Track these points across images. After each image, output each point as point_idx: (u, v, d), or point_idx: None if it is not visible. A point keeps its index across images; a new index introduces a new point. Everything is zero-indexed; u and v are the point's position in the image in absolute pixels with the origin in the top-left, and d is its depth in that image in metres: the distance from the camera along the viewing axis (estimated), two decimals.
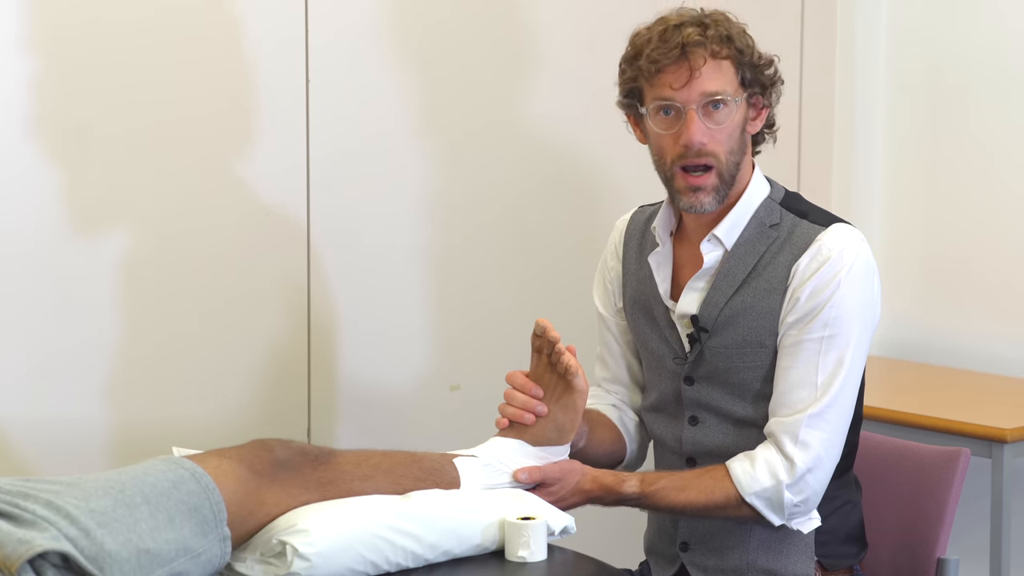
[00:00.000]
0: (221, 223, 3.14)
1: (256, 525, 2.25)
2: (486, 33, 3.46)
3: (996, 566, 3.38)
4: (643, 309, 2.63)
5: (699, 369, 2.55)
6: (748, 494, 2.45)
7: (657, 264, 2.59)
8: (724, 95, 2.46)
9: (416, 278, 3.42)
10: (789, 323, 2.47)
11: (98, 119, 2.98)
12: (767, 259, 2.51)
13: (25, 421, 2.94)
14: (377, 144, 3.33)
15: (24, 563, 1.97)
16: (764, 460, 2.45)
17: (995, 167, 3.87)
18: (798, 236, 2.50)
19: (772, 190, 2.57)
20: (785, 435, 2.45)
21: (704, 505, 2.47)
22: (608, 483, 2.50)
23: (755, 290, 2.50)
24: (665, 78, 2.47)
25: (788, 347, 2.47)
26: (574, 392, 2.49)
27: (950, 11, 3.92)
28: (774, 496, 2.45)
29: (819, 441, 2.44)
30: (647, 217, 2.68)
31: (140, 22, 3.01)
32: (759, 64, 2.51)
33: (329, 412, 3.31)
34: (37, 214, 2.93)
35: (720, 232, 2.52)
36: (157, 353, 3.08)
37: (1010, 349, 3.83)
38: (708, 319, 2.52)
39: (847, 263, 2.46)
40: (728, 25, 2.49)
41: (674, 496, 2.48)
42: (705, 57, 2.45)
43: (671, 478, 2.51)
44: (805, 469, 2.44)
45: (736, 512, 2.48)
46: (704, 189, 2.48)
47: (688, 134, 2.45)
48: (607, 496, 2.51)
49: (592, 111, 3.61)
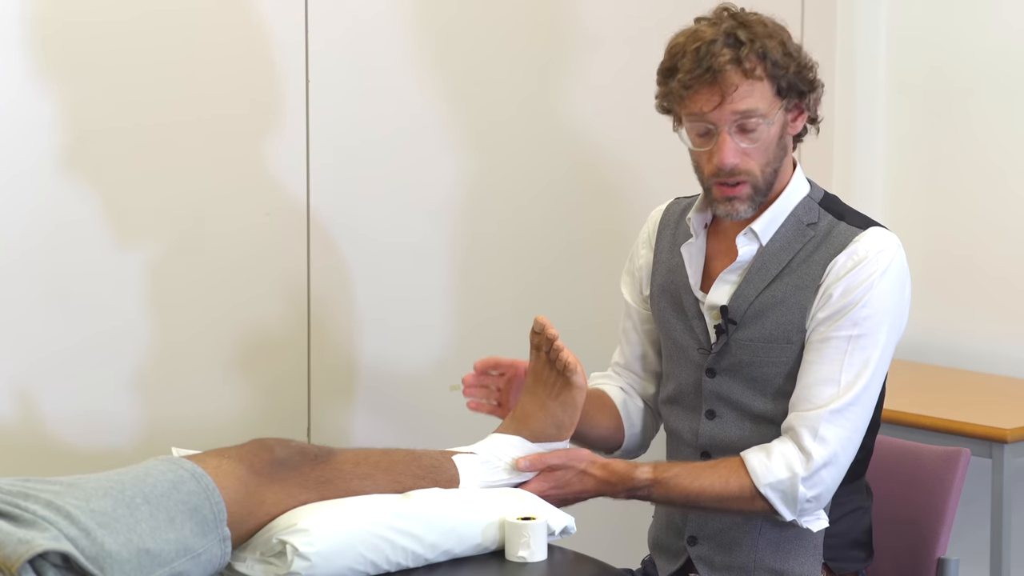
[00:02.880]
0: (222, 224, 3.14)
1: (256, 525, 2.25)
2: (486, 33, 3.46)
3: (996, 566, 3.38)
4: (671, 298, 2.62)
5: (722, 361, 2.54)
6: (763, 485, 2.44)
7: (690, 255, 2.59)
8: (757, 113, 2.44)
9: (416, 278, 3.43)
10: (819, 319, 2.47)
11: (100, 121, 2.98)
12: (802, 256, 2.50)
13: (25, 421, 2.95)
14: (377, 145, 3.33)
15: (24, 563, 1.97)
16: (780, 452, 2.44)
17: (995, 166, 3.87)
18: (835, 236, 2.50)
19: (812, 189, 2.57)
20: (804, 429, 2.44)
21: (718, 495, 2.45)
22: (619, 469, 2.48)
23: (787, 286, 2.50)
24: (697, 99, 2.44)
25: (815, 343, 2.47)
26: (573, 389, 2.49)
27: (950, 11, 3.93)
28: (788, 489, 2.44)
29: (837, 438, 2.44)
30: (682, 209, 2.67)
31: (140, 24, 3.01)
32: (797, 72, 2.47)
33: (329, 412, 3.31)
34: (38, 214, 2.93)
35: (757, 227, 2.52)
36: (157, 353, 3.08)
37: (1011, 349, 3.83)
38: (737, 311, 2.51)
39: (882, 265, 2.46)
40: (764, 36, 2.44)
41: (688, 483, 2.46)
42: (738, 78, 2.42)
43: (684, 466, 2.49)
44: (821, 464, 2.43)
45: (749, 505, 2.46)
46: (739, 198, 2.48)
47: (720, 157, 2.44)
48: (618, 483, 2.47)
49: (599, 109, 3.63)
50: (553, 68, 3.57)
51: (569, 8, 3.57)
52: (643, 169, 3.66)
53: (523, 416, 2.53)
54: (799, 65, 2.48)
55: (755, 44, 2.43)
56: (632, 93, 3.66)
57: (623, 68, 3.64)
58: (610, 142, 3.66)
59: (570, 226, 3.62)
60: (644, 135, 3.64)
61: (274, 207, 3.20)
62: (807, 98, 2.50)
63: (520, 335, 2.78)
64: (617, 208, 3.62)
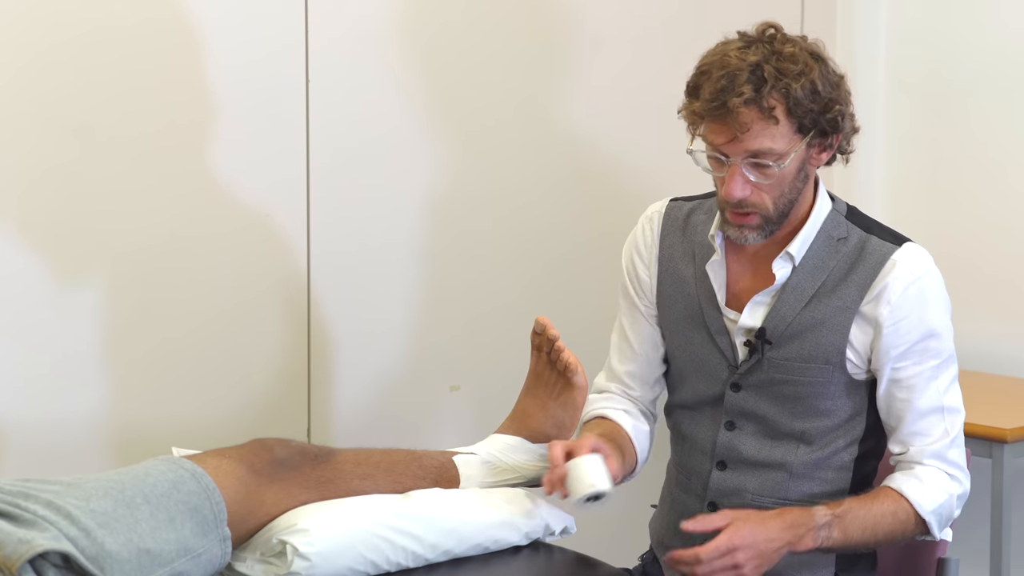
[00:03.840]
0: (222, 225, 3.14)
1: (256, 525, 2.26)
2: (486, 34, 3.46)
3: (996, 566, 3.38)
4: (688, 312, 2.56)
5: (751, 377, 2.50)
6: (927, 512, 2.42)
7: (714, 273, 2.53)
8: (772, 154, 2.36)
9: (416, 279, 3.43)
10: (895, 356, 2.44)
11: (100, 123, 2.98)
12: (837, 275, 2.46)
13: (26, 422, 2.94)
14: (377, 146, 3.33)
15: (25, 563, 1.97)
16: (928, 477, 2.44)
17: (995, 166, 3.87)
18: (870, 254, 2.46)
19: (835, 203, 2.53)
20: (934, 457, 2.44)
21: (890, 526, 2.42)
22: (796, 513, 2.40)
23: (827, 307, 2.45)
24: (712, 129, 2.38)
25: (902, 380, 2.45)
26: (574, 389, 2.49)
27: (950, 11, 3.93)
28: (946, 512, 2.44)
29: (962, 457, 2.47)
30: (686, 214, 2.61)
31: (140, 26, 3.01)
32: (823, 111, 2.38)
33: (329, 412, 3.31)
34: (39, 216, 2.93)
35: (792, 249, 2.46)
36: (158, 353, 3.08)
37: (1011, 349, 3.83)
38: (775, 332, 2.47)
39: (933, 287, 2.46)
40: (793, 75, 2.34)
41: (864, 515, 2.40)
42: (754, 117, 2.34)
43: (851, 501, 2.44)
44: (966, 481, 2.46)
45: (911, 532, 2.44)
46: (749, 227, 2.43)
47: (728, 189, 2.39)
48: (801, 526, 2.37)
49: (599, 111, 3.63)
50: (553, 69, 3.57)
51: (570, 9, 3.57)
52: (643, 169, 3.66)
53: (523, 416, 2.53)
54: (826, 104, 2.38)
55: (780, 82, 2.34)
56: (633, 94, 3.67)
57: (623, 69, 3.64)
58: (609, 143, 3.65)
59: (571, 226, 3.62)
60: (644, 136, 3.64)
61: (274, 207, 3.20)
62: (830, 137, 2.42)
63: (521, 335, 2.78)
64: (617, 208, 3.61)
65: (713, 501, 2.54)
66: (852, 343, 2.45)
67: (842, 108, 2.40)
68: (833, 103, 2.39)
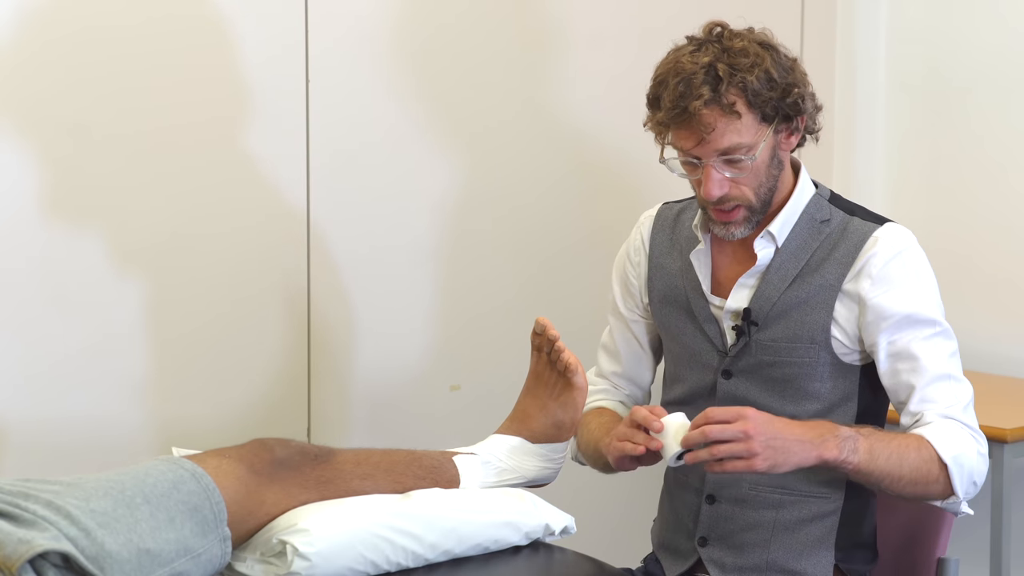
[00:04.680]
0: (222, 225, 3.14)
1: (256, 525, 2.25)
2: (486, 35, 3.46)
3: (996, 566, 3.38)
4: (677, 304, 2.61)
5: (740, 363, 2.53)
6: (948, 457, 2.38)
7: (699, 262, 2.58)
8: (741, 148, 2.41)
9: (416, 279, 3.43)
10: (886, 329, 2.45)
11: (100, 123, 2.98)
12: (820, 255, 2.50)
13: (26, 421, 2.95)
14: (377, 147, 3.33)
15: (25, 563, 1.97)
16: (945, 426, 2.41)
17: (995, 165, 3.87)
18: (852, 233, 2.49)
19: (819, 188, 2.57)
20: (948, 418, 2.42)
21: (914, 461, 2.37)
22: (818, 422, 2.38)
23: (810, 285, 2.49)
24: (679, 135, 2.43)
25: (900, 351, 2.45)
26: (574, 390, 2.49)
27: (950, 11, 3.93)
28: (967, 464, 2.39)
29: (976, 422, 2.45)
30: (676, 214, 2.67)
31: (140, 27, 3.01)
32: (783, 97, 2.42)
33: (329, 412, 3.32)
34: (40, 217, 2.93)
35: (774, 228, 2.51)
36: (158, 354, 3.08)
37: (1011, 349, 3.83)
38: (760, 313, 2.51)
39: (916, 261, 2.48)
40: (746, 68, 2.39)
41: (887, 441, 2.37)
42: (716, 117, 2.39)
43: (868, 427, 2.42)
44: (984, 442, 2.43)
45: (934, 477, 2.38)
46: (735, 223, 2.48)
47: (706, 190, 2.44)
48: (823, 429, 2.34)
49: (597, 109, 3.63)
50: (554, 69, 3.57)
51: (570, 9, 3.57)
52: (642, 169, 3.66)
53: (524, 416, 2.53)
54: (784, 90, 2.42)
55: (735, 78, 2.38)
56: (633, 94, 3.66)
57: (623, 69, 3.64)
58: (610, 144, 3.66)
59: (570, 226, 3.63)
60: (645, 136, 3.64)
61: (274, 208, 3.20)
62: (795, 120, 2.46)
63: (521, 335, 2.78)
64: (617, 210, 3.61)
65: (711, 494, 2.57)
66: (837, 321, 2.48)
67: (800, 90, 2.46)
68: (791, 87, 2.44)
